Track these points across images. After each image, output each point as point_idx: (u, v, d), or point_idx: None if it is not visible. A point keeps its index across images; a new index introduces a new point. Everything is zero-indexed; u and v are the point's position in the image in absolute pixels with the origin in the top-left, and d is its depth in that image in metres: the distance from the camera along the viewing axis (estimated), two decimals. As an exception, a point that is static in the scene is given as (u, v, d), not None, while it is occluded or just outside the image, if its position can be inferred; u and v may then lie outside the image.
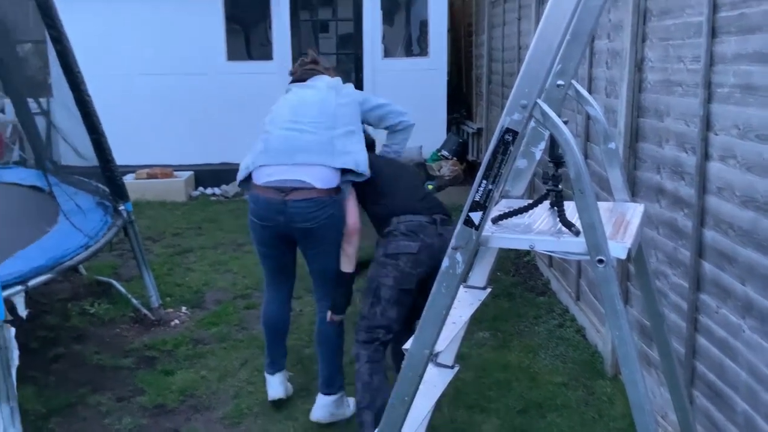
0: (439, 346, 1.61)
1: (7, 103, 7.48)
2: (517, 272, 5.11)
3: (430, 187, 7.68)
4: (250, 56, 8.37)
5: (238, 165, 3.10)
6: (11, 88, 5.59)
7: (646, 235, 3.01)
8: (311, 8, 8.45)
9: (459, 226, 1.49)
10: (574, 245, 1.51)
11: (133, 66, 7.83)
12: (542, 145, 1.76)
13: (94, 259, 5.23)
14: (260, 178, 2.92)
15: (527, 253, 5.08)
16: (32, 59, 7.06)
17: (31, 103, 5.14)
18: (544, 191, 1.70)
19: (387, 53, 8.43)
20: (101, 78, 7.29)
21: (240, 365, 3.73)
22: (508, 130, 1.41)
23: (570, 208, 1.57)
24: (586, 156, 3.93)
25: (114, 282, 4.74)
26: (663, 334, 1.96)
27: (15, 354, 2.75)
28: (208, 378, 3.60)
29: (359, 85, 8.37)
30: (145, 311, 4.32)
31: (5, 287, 2.66)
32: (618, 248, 1.50)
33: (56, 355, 3.82)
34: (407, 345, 1.61)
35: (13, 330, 2.70)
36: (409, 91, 8.31)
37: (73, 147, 4.43)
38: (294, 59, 8.19)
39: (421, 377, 1.64)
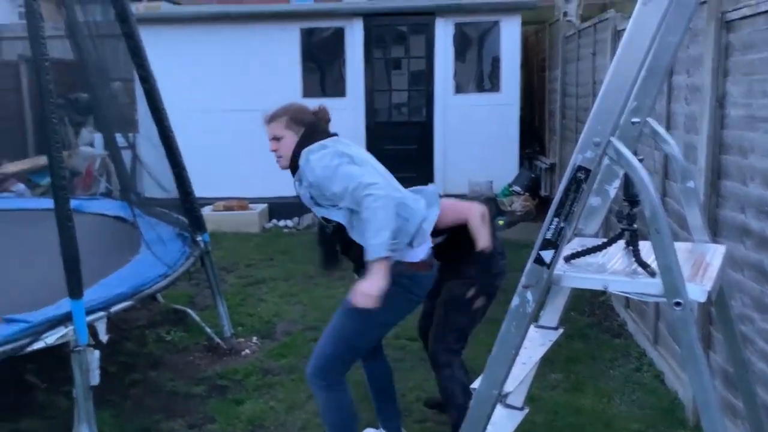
0: (508, 387, 1.57)
1: (97, 137, 7.97)
2: (592, 313, 4.95)
3: (501, 222, 7.63)
4: (324, 93, 8.59)
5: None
6: (102, 124, 5.94)
7: (729, 277, 2.86)
8: (384, 46, 8.62)
9: (529, 264, 1.47)
10: (649, 286, 1.45)
11: (215, 103, 8.18)
12: (617, 183, 1.72)
13: (171, 288, 5.42)
14: (417, 255, 2.70)
15: (602, 293, 4.92)
16: (121, 96, 7.51)
17: (119, 138, 5.43)
18: (619, 230, 1.65)
19: (458, 89, 8.48)
20: (184, 114, 7.67)
21: (307, 397, 3.74)
22: (580, 168, 1.39)
23: (646, 248, 1.52)
24: (664, 194, 3.80)
25: (189, 310, 4.88)
26: (748, 382, 1.85)
27: (96, 374, 2.86)
28: (276, 409, 3.64)
29: (430, 122, 8.45)
30: (218, 340, 4.42)
31: (89, 313, 2.80)
32: (697, 291, 1.43)
33: (133, 380, 3.95)
34: (475, 384, 1.58)
35: (97, 353, 2.82)
36: (481, 127, 8.33)
37: (156, 180, 4.64)
38: (367, 96, 8.36)
39: (488, 417, 1.61)
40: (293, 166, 2.73)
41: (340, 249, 2.80)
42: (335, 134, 2.79)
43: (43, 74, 2.51)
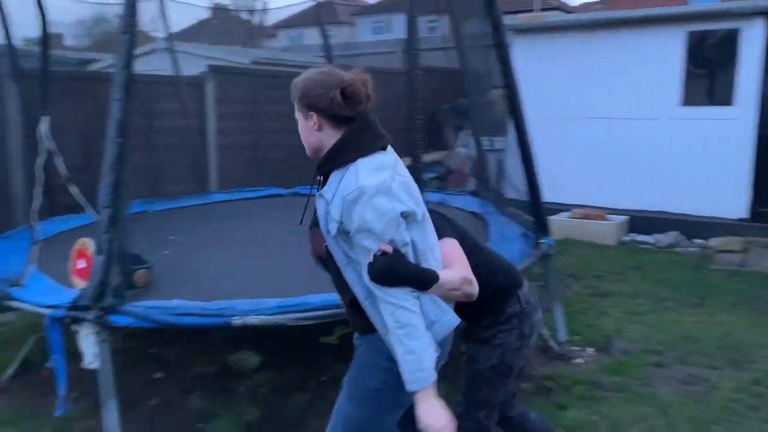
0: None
1: (471, 141, 8.66)
2: None
3: None
4: (709, 100, 7.82)
5: (677, 215, 2.84)
6: (477, 129, 6.46)
7: None
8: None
9: None
10: None
11: (580, 110, 8.15)
12: None
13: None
14: None
15: None
16: (498, 103, 8.03)
17: (487, 141, 5.86)
18: None
19: None
20: (549, 120, 7.87)
21: (633, 421, 3.56)
22: None
23: None
24: None
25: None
26: None
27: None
28: (598, 424, 3.54)
29: None
30: (552, 343, 4.48)
31: (429, 293, 3.14)
32: None
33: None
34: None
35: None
36: None
37: (512, 182, 4.89)
38: (763, 105, 7.33)
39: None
40: (321, 168, 2.06)
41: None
42: (386, 138, 2.07)
43: (413, 82, 2.92)
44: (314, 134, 2.04)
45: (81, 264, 3.48)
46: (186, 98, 6.96)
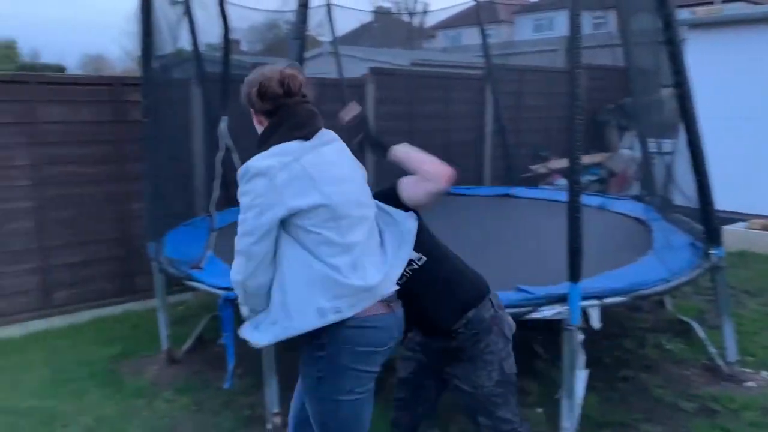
0: None
1: (637, 142, 8.18)
2: None
3: None
4: None
5: None
6: (643, 129, 6.11)
7: None
8: None
9: None
10: None
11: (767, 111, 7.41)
12: None
13: (683, 299, 5.32)
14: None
15: None
16: (667, 103, 7.50)
17: (654, 143, 5.52)
18: None
19: None
20: (729, 121, 7.23)
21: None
22: None
23: None
24: None
25: (695, 325, 4.69)
26: None
27: (581, 359, 3.11)
28: (771, 455, 3.25)
29: None
30: (719, 362, 4.15)
31: (584, 298, 3.04)
32: None
33: (624, 376, 4.07)
34: None
35: (581, 336, 3.06)
36: None
37: (680, 187, 4.58)
38: None
39: None
40: None
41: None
42: (308, 127, 2.13)
43: (574, 81, 2.84)
44: (260, 129, 2.19)
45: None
46: (348, 99, 7.24)
